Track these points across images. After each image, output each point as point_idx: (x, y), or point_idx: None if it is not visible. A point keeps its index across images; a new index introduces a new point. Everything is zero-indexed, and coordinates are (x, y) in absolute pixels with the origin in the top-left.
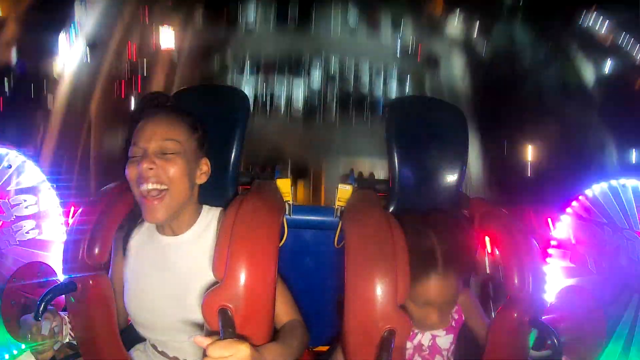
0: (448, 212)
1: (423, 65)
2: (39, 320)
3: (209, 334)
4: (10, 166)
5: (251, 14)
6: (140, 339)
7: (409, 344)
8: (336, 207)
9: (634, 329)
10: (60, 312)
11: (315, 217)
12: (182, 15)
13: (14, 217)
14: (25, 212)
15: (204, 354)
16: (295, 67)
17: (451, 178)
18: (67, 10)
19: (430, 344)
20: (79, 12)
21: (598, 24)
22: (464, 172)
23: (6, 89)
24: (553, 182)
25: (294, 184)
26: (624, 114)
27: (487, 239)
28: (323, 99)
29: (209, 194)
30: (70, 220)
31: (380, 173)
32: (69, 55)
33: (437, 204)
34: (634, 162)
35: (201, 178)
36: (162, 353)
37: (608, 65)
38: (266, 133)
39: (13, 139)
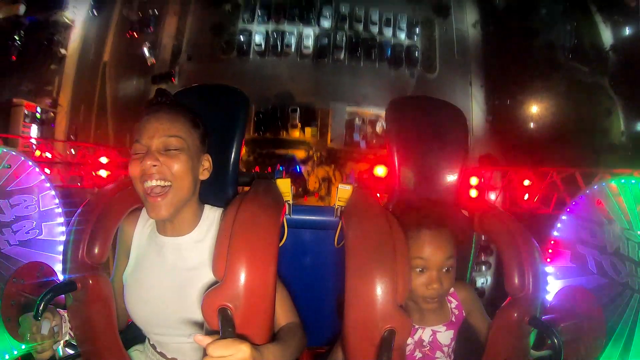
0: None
1: (434, 13)
2: (39, 320)
3: (209, 333)
4: (10, 166)
5: None
6: (140, 340)
7: (409, 340)
8: (336, 207)
9: (634, 329)
10: (60, 311)
11: (315, 217)
12: None
13: (14, 217)
14: (25, 212)
15: (204, 353)
16: (306, 13)
17: (451, 178)
18: None
19: (431, 340)
20: None
21: None
22: (464, 172)
23: (18, 41)
24: (554, 144)
25: (302, 129)
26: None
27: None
28: (332, 47)
29: (209, 194)
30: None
31: (383, 123)
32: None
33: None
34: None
35: (203, 174)
36: (161, 354)
37: (627, 30)
38: (276, 77)
39: (29, 91)
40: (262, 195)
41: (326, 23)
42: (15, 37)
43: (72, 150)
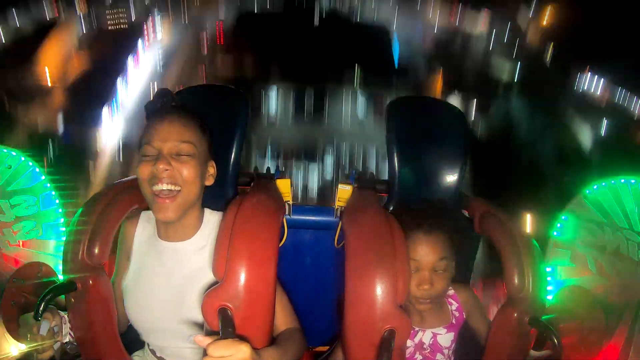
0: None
1: None
2: (39, 320)
3: (209, 333)
4: (10, 166)
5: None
6: (139, 342)
7: (410, 342)
8: (336, 207)
9: (633, 329)
10: (60, 312)
11: (315, 217)
12: None
13: (14, 217)
14: (26, 212)
15: (204, 354)
16: (310, 154)
17: (451, 178)
18: (111, 87)
19: (431, 342)
20: (120, 91)
21: (593, 84)
22: (463, 173)
23: (51, 155)
24: None
25: None
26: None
27: None
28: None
29: (208, 194)
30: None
31: None
32: (111, 129)
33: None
34: None
35: (209, 180)
36: (161, 358)
37: (604, 125)
38: None
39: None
40: (262, 195)
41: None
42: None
43: None
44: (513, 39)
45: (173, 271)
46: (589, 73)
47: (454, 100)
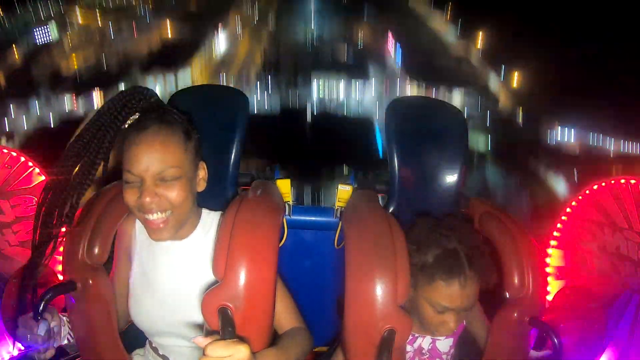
0: (460, 214)
1: None
2: (38, 320)
3: (209, 333)
4: (10, 166)
5: None
6: (140, 341)
7: (409, 348)
8: (336, 207)
9: (634, 329)
10: (60, 314)
11: (315, 218)
12: None
13: (14, 217)
14: (26, 213)
15: (203, 354)
16: None
17: (451, 178)
18: None
19: (430, 347)
20: None
21: (565, 135)
22: (463, 173)
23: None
24: None
25: None
26: None
27: None
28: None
29: (208, 195)
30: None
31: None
32: None
33: (437, 204)
34: None
35: (200, 185)
36: (163, 356)
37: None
38: None
39: None
40: (262, 195)
41: None
42: None
43: None
44: (485, 110)
45: (171, 270)
46: (559, 127)
47: None
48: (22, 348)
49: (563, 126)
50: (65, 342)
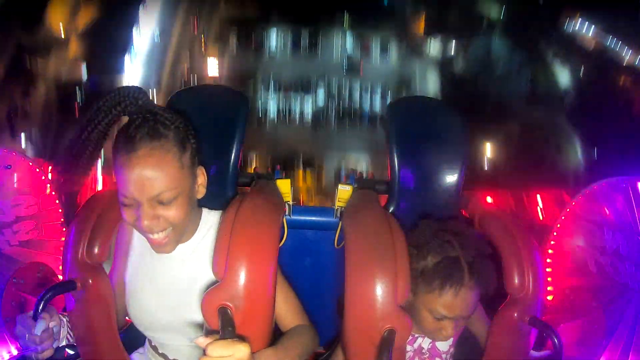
0: (465, 219)
1: (400, 84)
2: (37, 319)
3: (209, 333)
4: (10, 167)
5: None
6: (140, 341)
7: (409, 347)
8: (336, 207)
9: (634, 329)
10: (60, 313)
11: (315, 218)
12: (220, 48)
13: (14, 217)
14: (26, 213)
15: (204, 353)
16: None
17: (451, 178)
18: (125, 35)
19: (430, 347)
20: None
21: (584, 28)
22: (463, 173)
23: (79, 102)
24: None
25: (304, 171)
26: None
27: None
28: (325, 112)
29: (208, 195)
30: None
31: (363, 165)
32: (132, 74)
33: (437, 205)
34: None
35: (200, 192)
36: (163, 355)
37: (590, 69)
38: (285, 137)
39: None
40: (262, 195)
41: (320, 99)
42: (77, 99)
43: None
44: None
45: (172, 272)
46: (580, 19)
47: (435, 40)
48: (21, 348)
49: (584, 20)
50: (65, 342)
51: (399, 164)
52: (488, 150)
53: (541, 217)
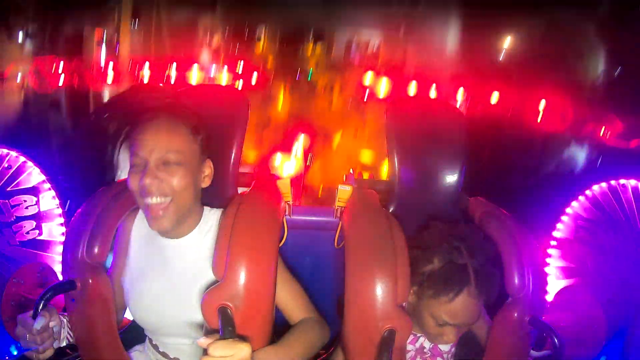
0: (474, 224)
1: None
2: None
3: (208, 332)
4: (10, 167)
5: None
6: (139, 340)
7: (411, 347)
8: (336, 207)
9: (634, 329)
10: (60, 313)
11: (315, 218)
12: None
13: (14, 217)
14: (26, 213)
15: (204, 353)
16: None
17: (451, 178)
18: None
19: (431, 346)
20: None
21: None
22: (463, 172)
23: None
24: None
25: (314, 44)
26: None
27: None
28: None
29: (208, 194)
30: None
31: (375, 42)
32: None
33: (437, 204)
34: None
35: (204, 181)
36: (163, 354)
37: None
38: (295, 8)
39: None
40: (262, 195)
41: None
42: None
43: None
44: None
45: (171, 268)
46: None
47: None
48: (22, 348)
49: None
50: (65, 343)
51: (399, 164)
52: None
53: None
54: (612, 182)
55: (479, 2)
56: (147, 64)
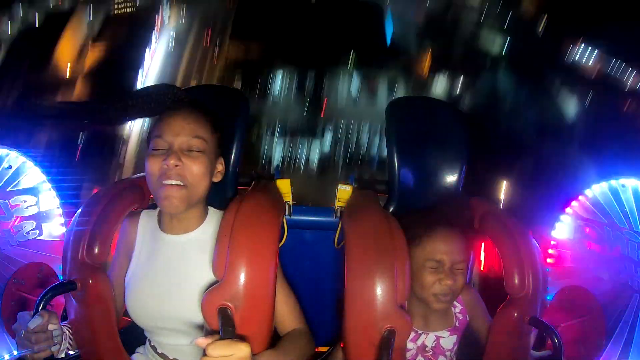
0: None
1: None
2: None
3: (208, 333)
4: (10, 167)
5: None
6: (140, 340)
7: (412, 345)
8: (336, 207)
9: (634, 329)
10: (61, 324)
11: (315, 218)
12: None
13: (14, 217)
14: (26, 213)
15: (204, 353)
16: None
17: (451, 178)
18: (130, 78)
19: (434, 345)
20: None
21: (585, 56)
22: (463, 173)
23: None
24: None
25: None
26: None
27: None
28: (333, 157)
29: (209, 194)
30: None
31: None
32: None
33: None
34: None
35: (217, 177)
36: (162, 355)
37: (592, 97)
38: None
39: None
40: (262, 195)
41: (327, 144)
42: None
43: None
44: (506, 10)
45: (172, 264)
46: (582, 44)
47: (441, 78)
48: (17, 345)
49: (587, 45)
50: (63, 355)
51: (399, 163)
52: (502, 190)
53: None
54: (612, 182)
55: None
56: None
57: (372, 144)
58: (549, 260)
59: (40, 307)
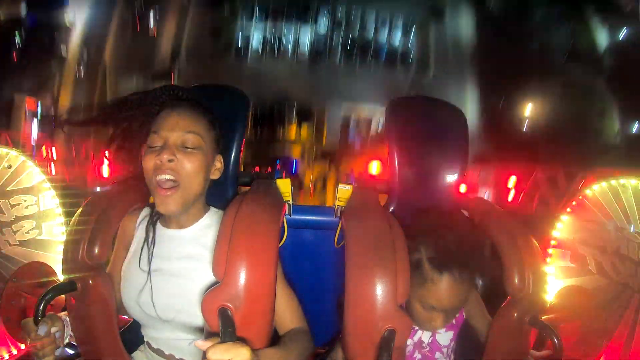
0: (461, 212)
1: (429, 15)
2: (38, 322)
3: (209, 333)
4: (10, 166)
5: None
6: (140, 340)
7: (409, 341)
8: (336, 207)
9: (634, 329)
10: (61, 315)
11: (315, 217)
12: None
13: (14, 217)
14: (25, 212)
15: (204, 356)
16: (303, 16)
17: (451, 178)
18: None
19: (430, 341)
20: None
21: None
22: (464, 172)
23: (18, 41)
24: (549, 144)
25: (299, 126)
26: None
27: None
28: (329, 46)
29: (208, 194)
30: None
31: (380, 120)
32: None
33: (437, 204)
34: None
35: (214, 174)
36: (158, 351)
37: (623, 33)
38: (274, 78)
39: (30, 89)
40: (262, 195)
41: (322, 27)
42: (16, 36)
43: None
44: None
45: (170, 257)
46: None
47: None
48: (22, 348)
49: None
50: (67, 341)
51: (399, 163)
52: (528, 110)
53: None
54: (612, 182)
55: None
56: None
57: (379, 34)
58: (548, 260)
59: (41, 309)
